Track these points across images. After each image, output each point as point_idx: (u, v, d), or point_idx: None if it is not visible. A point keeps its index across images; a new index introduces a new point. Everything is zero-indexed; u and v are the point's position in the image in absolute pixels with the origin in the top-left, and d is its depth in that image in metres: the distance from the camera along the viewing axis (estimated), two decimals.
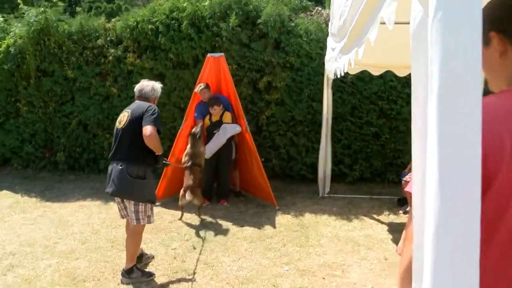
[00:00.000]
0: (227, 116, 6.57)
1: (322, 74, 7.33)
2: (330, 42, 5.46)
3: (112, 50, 8.02)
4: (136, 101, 4.32)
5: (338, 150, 7.61)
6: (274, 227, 5.81)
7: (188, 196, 5.72)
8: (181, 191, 5.83)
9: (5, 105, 8.96)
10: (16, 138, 9.06)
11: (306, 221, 6.01)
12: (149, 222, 4.31)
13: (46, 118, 8.80)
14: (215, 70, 6.60)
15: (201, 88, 6.41)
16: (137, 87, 4.39)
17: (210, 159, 6.42)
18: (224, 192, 6.88)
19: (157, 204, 6.58)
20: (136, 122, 4.03)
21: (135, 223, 4.20)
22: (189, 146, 6.14)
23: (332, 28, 4.51)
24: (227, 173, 6.82)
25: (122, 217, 4.46)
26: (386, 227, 5.84)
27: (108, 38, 8.14)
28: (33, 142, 9.00)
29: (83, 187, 7.89)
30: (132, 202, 4.15)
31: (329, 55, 5.70)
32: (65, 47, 8.28)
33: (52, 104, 8.67)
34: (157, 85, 4.43)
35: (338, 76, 5.05)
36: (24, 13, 8.59)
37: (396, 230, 5.68)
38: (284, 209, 6.52)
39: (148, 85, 4.34)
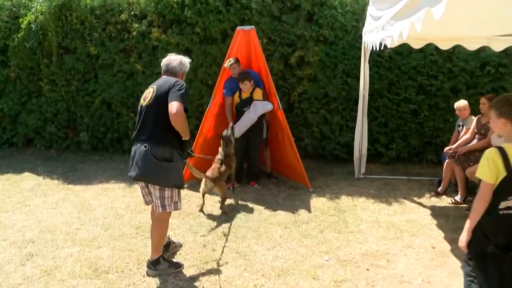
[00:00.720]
0: (258, 92, 6.19)
1: (358, 48, 6.90)
2: (372, 11, 5.01)
3: (136, 25, 7.67)
4: (163, 76, 3.91)
5: (374, 128, 7.18)
6: (309, 211, 5.47)
7: (208, 184, 5.45)
8: (203, 180, 5.49)
9: (27, 84, 8.76)
10: (39, 118, 8.87)
11: (343, 205, 5.65)
12: (176, 209, 3.91)
13: (69, 97, 8.56)
14: (245, 44, 6.21)
15: (230, 63, 6.04)
16: (163, 62, 3.96)
17: (239, 139, 6.08)
18: (254, 173, 6.55)
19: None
20: (162, 99, 3.62)
21: (160, 210, 3.83)
22: (221, 147, 5.85)
23: None
24: (257, 153, 6.47)
25: (147, 203, 4.07)
26: (428, 211, 5.43)
27: (132, 13, 7.78)
28: (56, 122, 8.78)
29: (106, 168, 7.68)
30: (158, 187, 3.76)
31: (370, 26, 5.26)
32: (88, 22, 7.98)
33: (74, 82, 8.42)
34: (186, 60, 4.01)
35: (389, 46, 4.57)
36: None
37: (440, 215, 5.28)
38: (319, 191, 6.16)
39: (175, 59, 3.94)
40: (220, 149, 5.79)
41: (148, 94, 3.80)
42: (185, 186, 6.02)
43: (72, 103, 8.58)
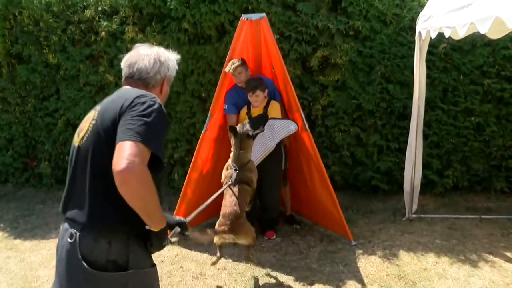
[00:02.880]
0: (275, 107, 4.40)
1: (402, 44, 5.18)
2: None
3: (105, 24, 5.87)
4: (124, 86, 2.04)
5: (424, 149, 5.36)
6: (363, 284, 3.65)
7: (227, 233, 3.45)
8: (217, 224, 3.56)
9: None
10: None
11: (408, 270, 3.84)
12: None
13: (25, 118, 6.76)
14: (252, 39, 4.42)
15: (234, 65, 4.25)
16: (125, 59, 2.08)
17: None
18: (271, 220, 4.73)
19: (172, 240, 4.49)
20: (106, 133, 1.79)
21: None
22: (232, 153, 3.92)
23: None
24: (275, 192, 4.65)
25: None
26: None
27: (100, 8, 5.98)
28: (11, 150, 6.95)
29: None
30: None
31: (429, 10, 3.60)
32: (43, 22, 6.19)
33: (31, 99, 6.64)
34: (168, 55, 2.13)
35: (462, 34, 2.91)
36: None
37: None
38: (364, 244, 4.36)
39: (146, 54, 2.05)
40: (231, 157, 3.90)
41: (84, 124, 1.95)
42: (175, 239, 4.24)
43: (29, 126, 6.78)
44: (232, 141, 3.90)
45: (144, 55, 2.03)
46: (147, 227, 1.82)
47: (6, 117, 6.82)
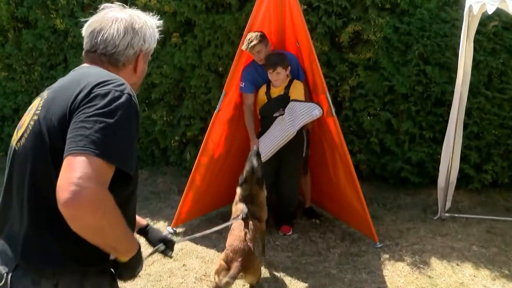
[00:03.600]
0: (298, 87, 3.88)
1: (444, 21, 4.57)
2: None
3: None
4: (83, 65, 1.50)
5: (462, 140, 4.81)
6: None
7: (234, 270, 2.86)
8: (220, 259, 3.00)
9: None
10: None
11: (442, 283, 3.34)
12: None
13: (31, 87, 6.38)
14: (275, 11, 3.89)
15: (252, 43, 3.70)
16: (87, 26, 1.51)
17: (266, 162, 3.76)
18: (288, 214, 4.26)
19: (177, 239, 4.08)
20: (50, 137, 1.28)
21: None
22: (239, 189, 3.43)
23: None
24: (295, 183, 4.16)
25: None
26: None
27: None
28: (16, 121, 6.56)
29: None
30: None
31: None
32: None
33: (37, 68, 6.21)
34: (145, 21, 1.53)
35: None
36: None
37: None
38: (391, 247, 3.87)
39: (116, 19, 1.47)
40: (238, 192, 3.44)
41: (25, 118, 1.44)
42: (179, 237, 3.80)
43: (36, 95, 6.31)
44: (240, 177, 3.45)
45: (112, 20, 1.46)
46: (112, 258, 1.36)
47: (12, 86, 6.48)
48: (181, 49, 5.29)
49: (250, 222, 3.14)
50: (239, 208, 3.30)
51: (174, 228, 4.22)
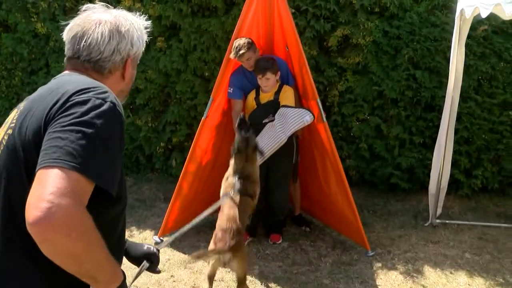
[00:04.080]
0: (288, 93, 3.79)
1: (434, 25, 4.53)
2: None
3: None
4: (65, 72, 1.35)
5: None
6: None
7: (227, 251, 2.81)
8: (215, 239, 2.96)
9: None
10: None
11: None
12: None
13: (12, 93, 6.18)
14: (264, 15, 3.80)
15: (240, 51, 3.58)
16: (67, 30, 1.36)
17: None
18: (278, 222, 4.16)
19: (160, 245, 3.94)
20: (25, 151, 1.15)
21: None
22: (232, 161, 3.29)
23: None
24: (284, 190, 4.06)
25: None
26: None
27: None
28: None
29: None
30: None
31: None
32: None
33: (18, 73, 6.02)
34: (132, 23, 1.39)
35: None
36: None
37: None
38: (383, 256, 3.78)
39: (99, 22, 1.32)
40: (231, 166, 3.29)
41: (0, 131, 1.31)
42: (165, 244, 3.69)
43: (16, 101, 6.17)
44: (231, 151, 3.29)
45: (96, 23, 1.32)
46: None
47: None
48: (166, 54, 5.17)
49: (241, 200, 3.02)
50: (230, 183, 3.16)
51: (161, 238, 4.08)
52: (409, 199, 4.95)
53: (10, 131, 1.20)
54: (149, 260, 1.54)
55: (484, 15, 3.25)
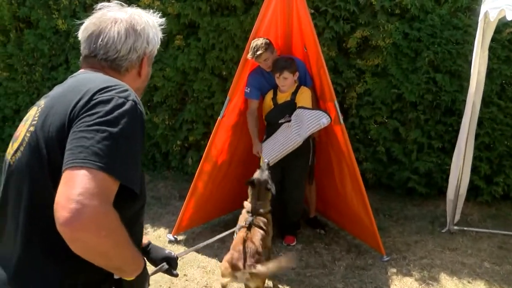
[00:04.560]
0: (305, 94, 3.76)
1: (456, 28, 4.43)
2: None
3: None
4: (82, 70, 1.36)
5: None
6: None
7: (238, 273, 2.78)
8: (224, 261, 2.89)
9: None
10: None
11: None
12: None
13: (32, 88, 6.26)
14: (283, 15, 3.77)
15: (258, 51, 3.57)
16: (83, 29, 1.37)
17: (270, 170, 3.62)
18: (292, 224, 4.13)
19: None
20: (48, 150, 1.15)
21: None
22: (249, 202, 3.32)
23: None
24: (300, 192, 4.02)
25: None
26: None
27: None
28: (17, 121, 6.46)
29: None
30: None
31: None
32: None
33: (38, 68, 6.10)
34: (147, 21, 1.39)
35: None
36: None
37: None
38: (398, 261, 3.72)
39: (115, 21, 1.33)
40: (247, 203, 3.31)
41: (21, 129, 1.29)
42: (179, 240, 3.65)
43: (36, 96, 6.26)
44: (250, 191, 3.32)
45: (111, 22, 1.32)
46: (116, 277, 1.23)
47: (13, 86, 6.36)
48: (185, 52, 5.17)
49: (256, 229, 3.03)
50: (244, 216, 3.20)
51: (175, 236, 4.09)
52: (426, 204, 4.86)
53: (32, 129, 1.20)
54: (168, 263, 1.55)
55: (510, 17, 3.16)
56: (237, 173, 4.14)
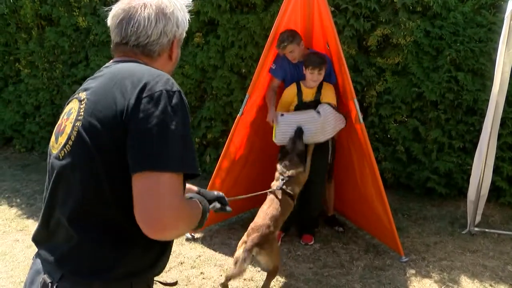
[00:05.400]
0: (329, 92, 3.73)
1: (481, 25, 4.38)
2: None
3: None
4: (116, 58, 1.36)
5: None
6: None
7: (249, 242, 2.88)
8: (245, 235, 3.00)
9: (1, 66, 6.58)
10: (17, 110, 6.72)
11: None
12: None
13: (53, 85, 6.34)
14: (303, 12, 3.74)
15: (283, 43, 3.57)
16: (112, 16, 1.34)
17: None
18: (311, 221, 4.11)
19: (196, 236, 3.97)
20: (101, 154, 1.17)
21: None
22: (279, 164, 3.47)
23: None
24: (319, 190, 3.99)
25: None
26: None
27: None
28: (37, 118, 6.57)
29: None
30: None
31: None
32: None
33: (59, 65, 6.17)
34: (175, 3, 1.38)
35: None
36: None
37: None
38: (417, 262, 3.67)
39: (144, 5, 1.32)
40: (280, 167, 3.50)
41: (64, 122, 1.29)
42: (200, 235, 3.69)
43: (57, 93, 6.36)
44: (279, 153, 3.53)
45: (140, 7, 1.31)
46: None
47: (34, 83, 6.44)
48: (204, 49, 5.17)
49: (282, 199, 3.19)
50: (275, 183, 3.36)
51: (192, 234, 4.09)
52: (446, 205, 4.80)
53: (78, 124, 1.21)
54: (219, 202, 1.66)
55: None
56: (254, 170, 4.14)
